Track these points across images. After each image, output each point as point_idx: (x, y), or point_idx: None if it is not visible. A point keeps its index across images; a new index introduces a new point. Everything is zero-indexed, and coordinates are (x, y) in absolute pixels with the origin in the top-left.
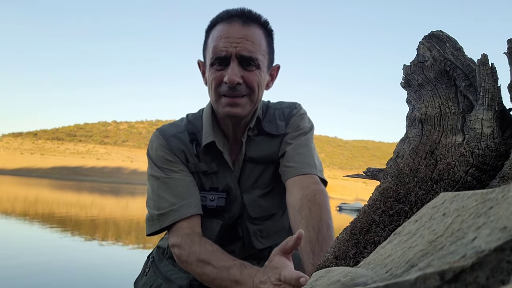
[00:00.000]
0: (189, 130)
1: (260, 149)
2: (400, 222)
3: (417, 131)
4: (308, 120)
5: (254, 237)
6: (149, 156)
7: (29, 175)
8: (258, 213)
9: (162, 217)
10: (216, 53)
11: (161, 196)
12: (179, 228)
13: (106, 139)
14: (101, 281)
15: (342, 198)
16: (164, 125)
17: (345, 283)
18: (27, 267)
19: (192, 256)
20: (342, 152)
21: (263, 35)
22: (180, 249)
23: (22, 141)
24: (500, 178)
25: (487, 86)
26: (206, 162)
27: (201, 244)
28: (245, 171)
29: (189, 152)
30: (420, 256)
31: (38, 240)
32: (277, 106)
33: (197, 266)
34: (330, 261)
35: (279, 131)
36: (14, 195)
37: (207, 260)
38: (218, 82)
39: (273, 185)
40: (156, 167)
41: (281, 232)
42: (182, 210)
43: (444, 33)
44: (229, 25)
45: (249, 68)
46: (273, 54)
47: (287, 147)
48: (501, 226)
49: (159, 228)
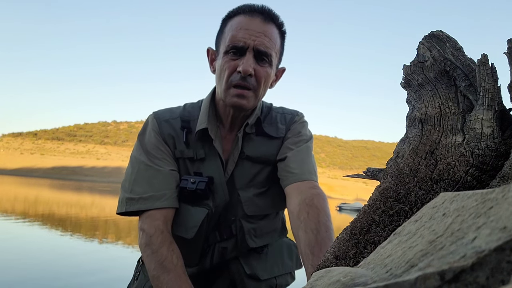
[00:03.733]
0: (183, 117)
1: (258, 149)
2: (400, 222)
3: (417, 131)
4: (309, 129)
5: (248, 235)
6: (139, 137)
7: (29, 175)
8: (253, 211)
9: (130, 202)
10: (234, 42)
11: (137, 181)
12: (152, 216)
13: (106, 139)
14: (101, 281)
15: (342, 198)
16: (161, 109)
17: (345, 283)
18: (27, 267)
19: (156, 256)
20: (342, 152)
21: (278, 35)
22: (148, 239)
23: (22, 141)
24: (500, 178)
25: (487, 86)
26: (195, 149)
27: (169, 251)
28: (241, 168)
29: (179, 138)
30: (420, 256)
31: (38, 241)
32: (280, 111)
33: (154, 269)
34: (330, 261)
35: (279, 134)
36: (14, 195)
37: (166, 270)
38: (231, 71)
39: (269, 185)
40: (142, 151)
41: (273, 233)
42: (151, 200)
43: (444, 33)
44: (250, 18)
45: (261, 63)
46: (282, 55)
47: (289, 152)
48: (501, 226)
49: (125, 210)
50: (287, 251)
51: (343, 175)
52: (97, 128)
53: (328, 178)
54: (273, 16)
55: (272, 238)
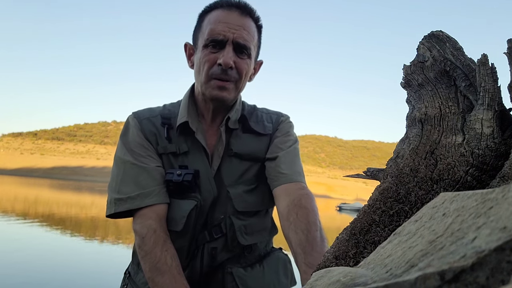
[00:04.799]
0: (163, 115)
1: (246, 146)
2: (400, 222)
3: (417, 131)
4: (294, 131)
5: (239, 231)
6: (122, 138)
7: (29, 175)
8: (244, 207)
9: (119, 202)
10: (213, 35)
11: (123, 181)
12: (144, 215)
13: (106, 139)
14: (101, 281)
15: (342, 198)
16: (140, 109)
17: (345, 283)
18: (27, 266)
19: (149, 257)
20: (342, 152)
21: (255, 29)
22: (140, 241)
23: (22, 141)
24: (500, 178)
25: (487, 86)
26: (177, 144)
27: (163, 251)
28: (229, 165)
29: (160, 135)
30: (420, 256)
31: (38, 241)
32: (265, 111)
33: (149, 271)
34: (330, 261)
35: (266, 131)
36: (14, 195)
37: (161, 272)
38: (211, 64)
39: (258, 183)
40: (126, 150)
41: (263, 232)
42: (139, 199)
43: (444, 33)
44: (228, 12)
45: (241, 56)
46: (260, 49)
47: (279, 152)
48: (501, 226)
49: (114, 212)
50: (283, 268)
51: (343, 175)
52: (97, 128)
53: (328, 178)
54: (250, 10)
55: (263, 236)
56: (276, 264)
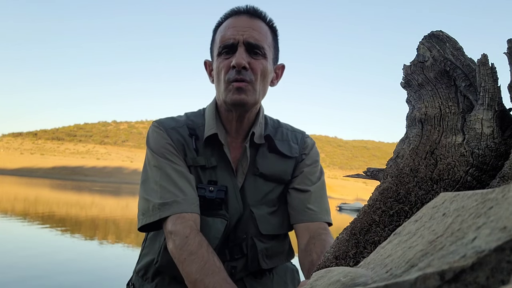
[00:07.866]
0: (188, 125)
1: (272, 167)
2: (400, 222)
3: (417, 131)
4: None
5: (260, 255)
6: (150, 146)
7: (29, 175)
8: (268, 230)
9: (164, 207)
10: (224, 42)
11: (164, 187)
12: (184, 217)
13: (106, 139)
14: (101, 280)
15: (342, 198)
16: (161, 118)
17: (345, 283)
18: (27, 266)
19: (196, 258)
20: (342, 152)
21: (268, 30)
22: (183, 241)
23: (22, 141)
24: (500, 178)
25: (487, 86)
26: (205, 157)
27: (209, 253)
28: (254, 184)
29: (188, 146)
30: (420, 256)
31: (38, 240)
32: (290, 128)
33: (196, 272)
34: (330, 261)
35: (293, 154)
36: (14, 195)
37: (210, 272)
38: (227, 69)
39: (279, 205)
40: (158, 157)
41: (281, 255)
42: (185, 204)
43: (444, 33)
44: (237, 18)
45: (255, 57)
46: (278, 51)
47: (310, 186)
48: (501, 226)
49: (159, 218)
50: (290, 278)
51: (343, 175)
52: (97, 128)
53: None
54: (259, 13)
55: (281, 260)
56: (284, 273)
